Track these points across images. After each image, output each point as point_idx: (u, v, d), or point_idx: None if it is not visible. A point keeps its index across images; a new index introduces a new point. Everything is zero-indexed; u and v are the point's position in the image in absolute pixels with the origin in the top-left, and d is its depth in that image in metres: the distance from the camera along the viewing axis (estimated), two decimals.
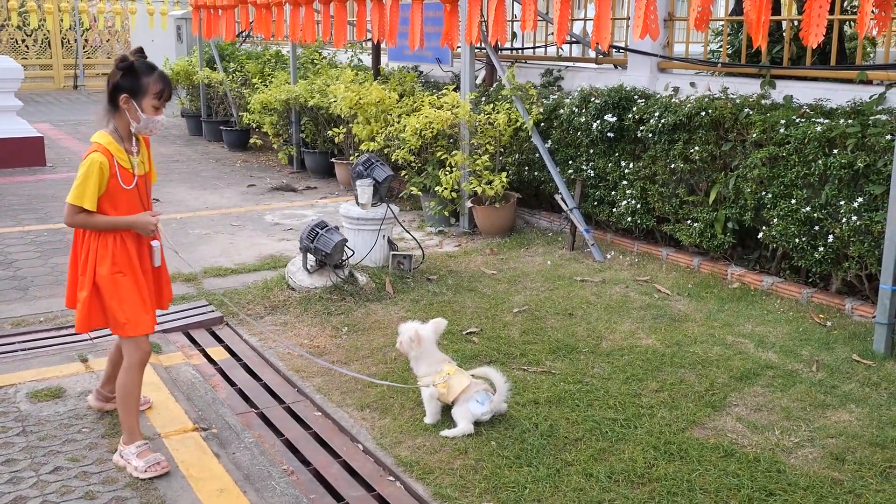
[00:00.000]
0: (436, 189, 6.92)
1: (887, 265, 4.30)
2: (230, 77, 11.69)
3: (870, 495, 3.08)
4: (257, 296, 5.34)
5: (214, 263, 6.11)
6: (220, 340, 4.74)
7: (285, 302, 5.22)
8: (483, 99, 7.25)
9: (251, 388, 4.13)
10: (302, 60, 10.80)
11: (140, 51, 3.28)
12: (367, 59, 10.24)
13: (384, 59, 9.73)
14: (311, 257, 5.40)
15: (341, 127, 8.46)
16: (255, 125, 10.46)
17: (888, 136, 4.51)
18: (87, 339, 4.60)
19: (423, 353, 3.73)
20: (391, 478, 3.29)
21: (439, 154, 6.99)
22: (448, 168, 6.88)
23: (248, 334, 4.79)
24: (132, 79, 3.18)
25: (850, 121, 4.81)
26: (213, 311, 5.08)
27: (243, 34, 12.52)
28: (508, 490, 3.14)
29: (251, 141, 11.23)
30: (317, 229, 5.31)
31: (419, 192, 7.20)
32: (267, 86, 10.21)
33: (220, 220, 7.56)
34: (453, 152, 6.86)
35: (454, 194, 6.88)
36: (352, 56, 10.60)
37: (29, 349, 4.48)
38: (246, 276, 5.80)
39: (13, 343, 4.57)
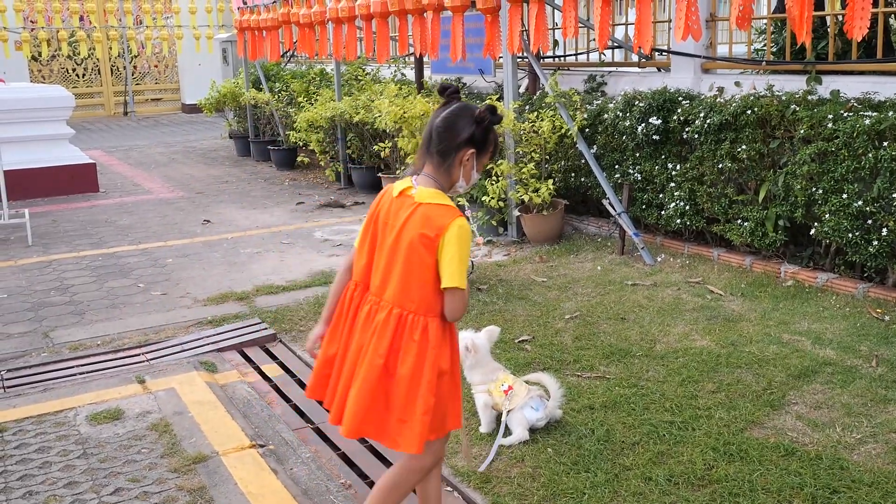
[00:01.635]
0: (482, 199, 6.96)
1: None
2: (276, 97, 11.92)
3: None
4: (310, 311, 5.43)
5: (266, 281, 6.23)
6: (274, 357, 4.82)
7: None
8: (527, 107, 7.28)
9: (306, 404, 4.18)
10: (346, 77, 10.96)
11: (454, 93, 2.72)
12: (410, 74, 10.35)
13: (427, 72, 9.82)
14: None
15: (387, 141, 8.56)
16: (301, 143, 10.64)
17: None
18: (143, 361, 4.72)
19: (478, 361, 3.76)
20: (449, 488, 3.31)
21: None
22: (494, 177, 6.92)
23: (302, 350, 4.87)
24: (484, 133, 2.60)
25: None
26: (266, 328, 5.17)
27: (288, 54, 12.76)
28: (567, 497, 3.15)
29: (298, 159, 11.42)
30: None
31: (466, 202, 7.25)
32: (312, 104, 10.38)
33: (271, 238, 7.70)
34: (499, 161, 6.90)
35: (501, 203, 6.91)
36: (395, 71, 10.72)
37: (87, 372, 4.57)
38: (298, 293, 5.90)
39: (72, 367, 4.67)
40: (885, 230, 4.81)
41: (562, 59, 9.02)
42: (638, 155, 6.47)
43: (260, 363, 4.74)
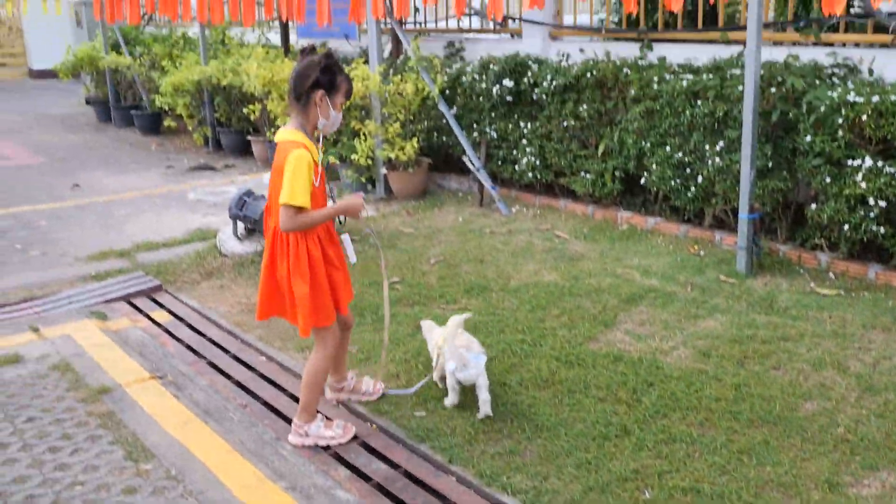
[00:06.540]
0: (351, 157, 7.38)
1: (743, 198, 5.04)
2: (137, 61, 11.77)
3: (728, 378, 3.81)
4: (192, 264, 5.72)
5: (145, 239, 6.43)
6: (161, 306, 5.11)
7: (219, 268, 5.63)
8: (391, 71, 7.72)
9: (198, 343, 4.54)
10: (209, 42, 10.98)
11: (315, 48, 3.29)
12: (276, 38, 10.52)
13: (293, 36, 10.04)
14: (240, 225, 5.81)
15: (256, 104, 8.78)
16: (167, 108, 10.62)
17: (739, 88, 5.23)
18: (33, 314, 4.90)
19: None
20: (335, 403, 3.80)
21: (353, 124, 7.45)
22: (362, 137, 7.35)
23: (188, 298, 5.19)
24: (329, 76, 3.18)
25: (710, 76, 5.52)
26: (151, 280, 5.44)
27: (146, 17, 12.54)
28: (434, 400, 3.71)
29: (165, 124, 11.36)
30: (244, 198, 5.72)
31: (336, 161, 7.65)
32: (177, 68, 10.38)
33: (144, 200, 7.83)
34: (366, 122, 7.33)
35: (369, 161, 7.36)
36: (260, 35, 10.85)
37: None
38: (178, 249, 6.16)
39: None
40: (700, 178, 5.63)
41: (422, 25, 9.49)
42: (493, 115, 7.08)
43: (149, 311, 5.02)
